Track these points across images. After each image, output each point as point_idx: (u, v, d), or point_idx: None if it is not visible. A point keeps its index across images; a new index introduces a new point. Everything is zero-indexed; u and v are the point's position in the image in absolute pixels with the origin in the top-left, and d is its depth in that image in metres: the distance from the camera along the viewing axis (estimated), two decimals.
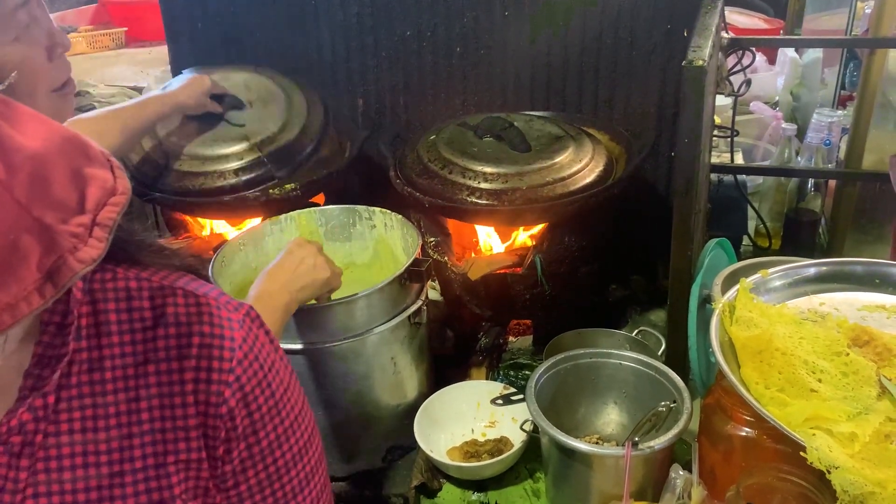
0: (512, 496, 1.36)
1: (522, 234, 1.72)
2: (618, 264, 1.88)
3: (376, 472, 1.43)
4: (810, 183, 2.00)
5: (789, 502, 1.03)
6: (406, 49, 1.97)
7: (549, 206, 1.52)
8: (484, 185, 1.55)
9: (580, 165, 1.60)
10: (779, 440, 1.04)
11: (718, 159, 2.09)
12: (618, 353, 1.36)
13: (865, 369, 1.02)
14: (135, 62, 3.03)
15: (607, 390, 1.38)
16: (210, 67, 1.87)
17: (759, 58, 2.74)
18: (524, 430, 1.35)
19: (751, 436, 1.09)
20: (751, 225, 2.08)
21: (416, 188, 1.61)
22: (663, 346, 1.54)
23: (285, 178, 1.68)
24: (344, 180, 1.85)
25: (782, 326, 1.10)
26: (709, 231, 1.81)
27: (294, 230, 1.58)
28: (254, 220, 1.74)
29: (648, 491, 1.19)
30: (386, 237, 1.58)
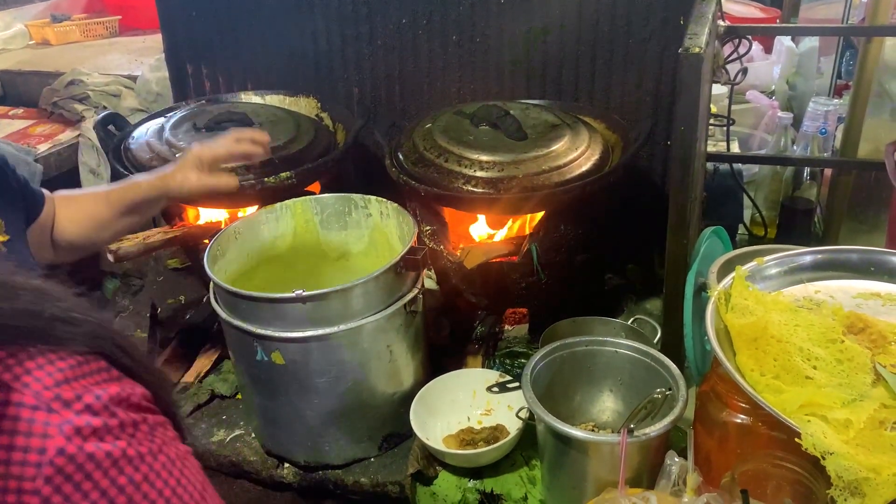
0: (508, 483, 1.36)
1: (518, 222, 1.72)
2: (614, 253, 1.88)
3: (372, 459, 1.43)
4: (806, 171, 2.01)
5: (784, 488, 1.03)
6: (401, 37, 1.96)
7: (546, 194, 1.52)
8: (480, 174, 1.55)
9: (576, 154, 1.59)
10: (774, 427, 1.05)
11: (714, 148, 2.08)
12: (613, 341, 1.36)
13: (860, 356, 1.03)
14: (129, 51, 3.02)
15: (603, 378, 1.38)
16: (217, 97, 1.95)
17: (756, 46, 2.74)
18: (520, 418, 1.35)
19: (746, 423, 1.09)
20: (747, 213, 2.09)
21: (412, 177, 1.60)
22: (659, 334, 1.55)
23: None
24: (339, 169, 1.85)
25: (778, 314, 1.11)
26: (705, 220, 1.81)
27: (289, 218, 1.58)
28: (250, 209, 1.74)
29: (644, 478, 1.19)
30: (382, 226, 1.58)
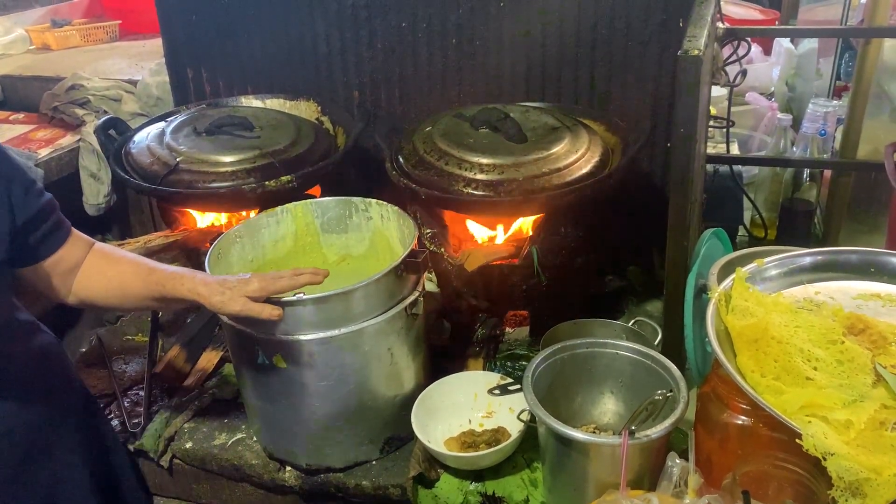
0: (509, 486, 1.36)
1: (519, 225, 1.72)
2: (614, 255, 1.88)
3: (374, 462, 1.43)
4: (806, 173, 2.01)
5: (785, 489, 1.04)
6: (401, 40, 1.96)
7: (546, 197, 1.52)
8: (480, 177, 1.55)
9: (576, 156, 1.60)
10: (775, 428, 1.05)
11: (714, 150, 2.09)
12: (614, 343, 1.36)
13: (860, 357, 1.03)
14: (129, 55, 3.02)
15: (604, 380, 1.38)
16: (217, 101, 1.98)
17: (755, 48, 2.75)
18: (521, 420, 1.35)
19: (747, 424, 1.09)
20: (746, 215, 2.09)
21: (412, 180, 1.60)
22: (660, 336, 1.55)
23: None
24: (340, 172, 1.85)
25: (778, 315, 1.11)
26: (705, 221, 1.81)
27: (290, 222, 1.58)
28: (251, 213, 1.74)
29: (645, 479, 1.19)
30: (382, 229, 1.58)
